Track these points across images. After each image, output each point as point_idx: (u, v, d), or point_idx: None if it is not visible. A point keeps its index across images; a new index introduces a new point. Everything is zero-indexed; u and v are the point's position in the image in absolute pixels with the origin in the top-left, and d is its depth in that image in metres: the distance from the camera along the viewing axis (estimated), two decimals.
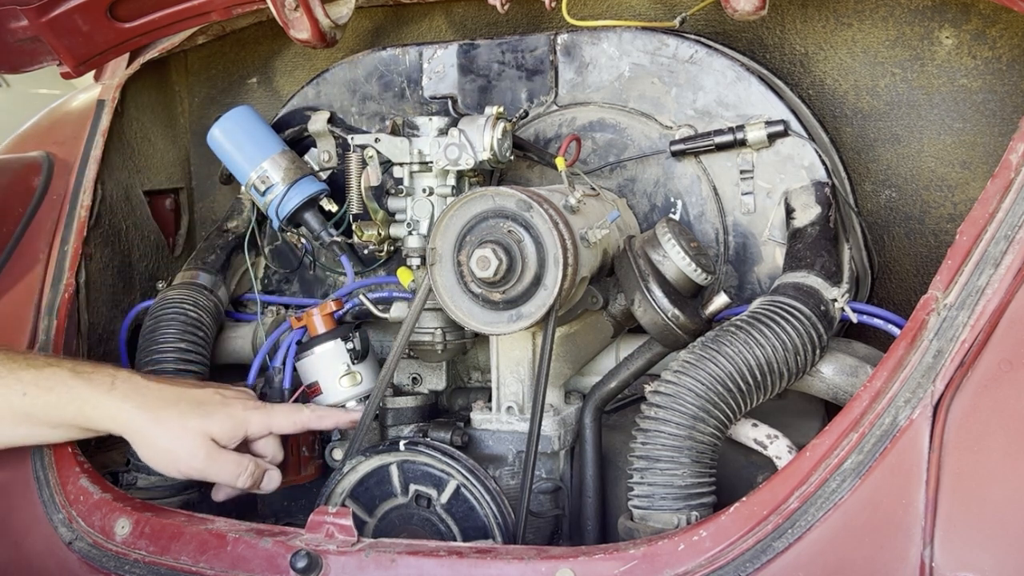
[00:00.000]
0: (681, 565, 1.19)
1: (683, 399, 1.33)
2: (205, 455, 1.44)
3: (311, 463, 1.70)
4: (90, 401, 1.42)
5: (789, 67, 1.86)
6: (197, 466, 1.44)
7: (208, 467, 1.44)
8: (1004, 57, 1.73)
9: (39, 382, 1.41)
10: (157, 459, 1.45)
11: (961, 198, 1.79)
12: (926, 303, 1.24)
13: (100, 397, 1.42)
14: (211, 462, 1.44)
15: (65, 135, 1.98)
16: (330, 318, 1.69)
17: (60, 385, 1.41)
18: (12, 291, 1.79)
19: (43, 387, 1.41)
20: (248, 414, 1.48)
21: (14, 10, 1.76)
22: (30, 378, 1.41)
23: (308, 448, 1.69)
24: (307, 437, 1.69)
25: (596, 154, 1.74)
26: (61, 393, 1.41)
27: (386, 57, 1.86)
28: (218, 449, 1.45)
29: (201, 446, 1.43)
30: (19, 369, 1.41)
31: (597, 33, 1.73)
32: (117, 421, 1.43)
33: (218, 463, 1.45)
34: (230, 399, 1.50)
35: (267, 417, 1.50)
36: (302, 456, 1.68)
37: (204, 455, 1.43)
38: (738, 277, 1.67)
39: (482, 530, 1.45)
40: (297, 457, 1.67)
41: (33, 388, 1.41)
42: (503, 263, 1.37)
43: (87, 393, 1.42)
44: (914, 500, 1.14)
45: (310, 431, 1.69)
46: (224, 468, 1.45)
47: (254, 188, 1.80)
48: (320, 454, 1.71)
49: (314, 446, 1.71)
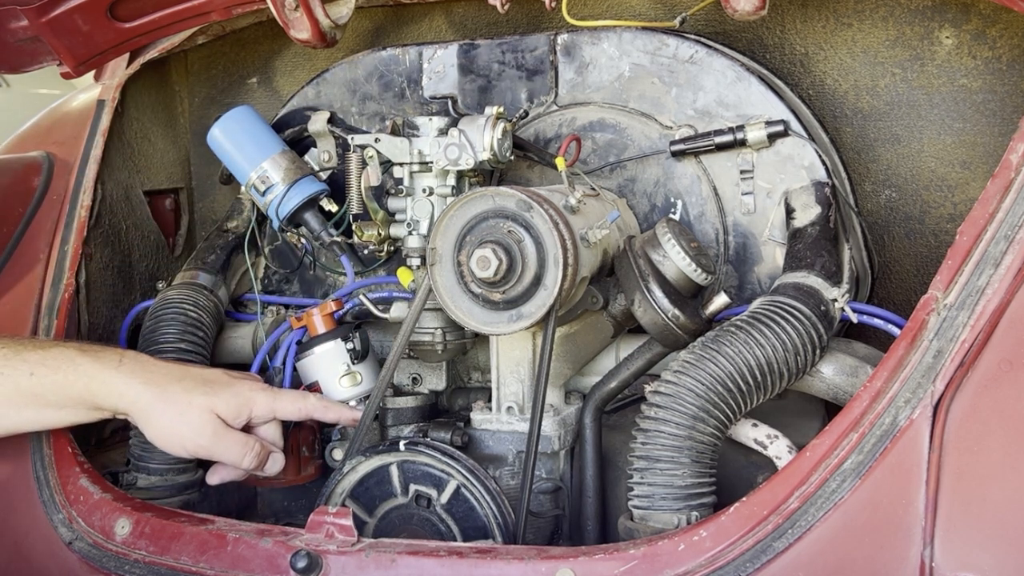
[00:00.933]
0: (681, 565, 1.19)
1: (683, 399, 1.33)
2: (212, 432, 1.43)
3: (311, 463, 1.70)
4: (97, 378, 1.41)
5: (789, 67, 1.86)
6: (203, 444, 1.43)
7: (214, 445, 1.43)
8: (1004, 57, 1.73)
9: (46, 362, 1.40)
10: (163, 437, 1.44)
11: (961, 198, 1.79)
12: (926, 303, 1.24)
13: (107, 374, 1.41)
14: (217, 440, 1.43)
15: (65, 135, 1.98)
16: (330, 318, 1.69)
17: (67, 363, 1.41)
18: (12, 291, 1.79)
19: (50, 367, 1.40)
20: (254, 394, 1.48)
21: (14, 10, 1.76)
22: (37, 359, 1.40)
23: (308, 448, 1.69)
24: (307, 436, 1.70)
25: (596, 154, 1.74)
26: (68, 372, 1.40)
27: (386, 57, 1.86)
28: (224, 427, 1.44)
29: (207, 423, 1.42)
30: (25, 351, 1.41)
31: (597, 33, 1.73)
32: (124, 398, 1.42)
33: (224, 441, 1.44)
34: (237, 379, 1.49)
35: (272, 400, 1.50)
36: (302, 456, 1.68)
37: (211, 432, 1.43)
38: (738, 277, 1.67)
39: (482, 530, 1.45)
40: (297, 457, 1.67)
41: (40, 368, 1.40)
42: (503, 263, 1.37)
43: (94, 370, 1.41)
44: (914, 500, 1.14)
45: (311, 430, 1.69)
46: (230, 447, 1.45)
47: (254, 188, 1.80)
48: (320, 454, 1.71)
49: (314, 446, 1.71)
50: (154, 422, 1.43)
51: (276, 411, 1.50)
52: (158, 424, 1.43)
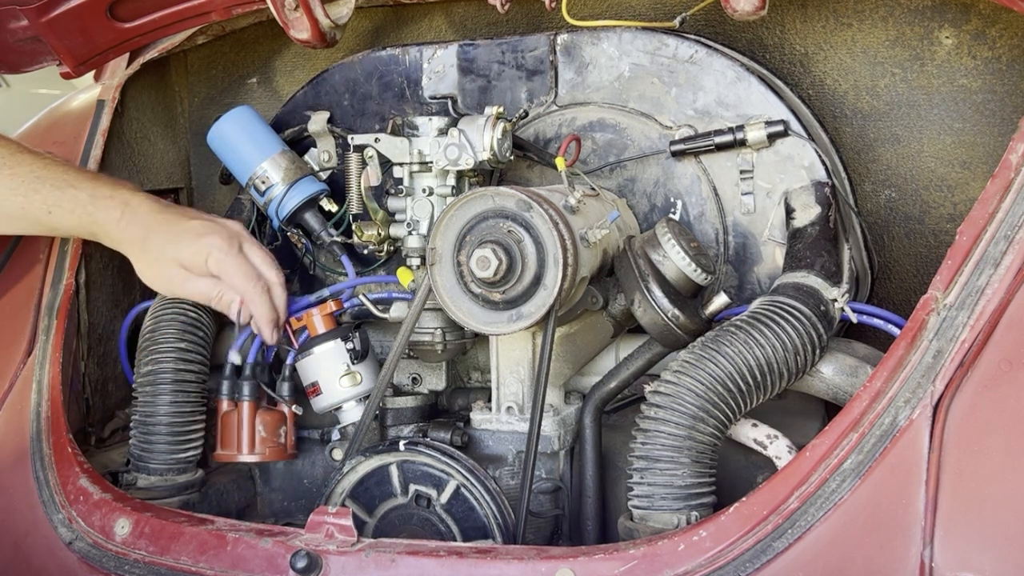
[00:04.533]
0: (681, 565, 1.19)
1: (683, 399, 1.33)
2: (178, 279, 1.64)
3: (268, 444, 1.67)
4: (103, 227, 1.65)
5: (789, 67, 1.86)
6: (171, 288, 1.66)
7: (180, 290, 1.66)
8: (1004, 57, 1.73)
9: (61, 203, 1.63)
10: (146, 278, 1.68)
11: (961, 198, 1.79)
12: (926, 303, 1.24)
13: (110, 225, 1.64)
14: (182, 286, 1.65)
15: (65, 135, 1.97)
16: (330, 318, 1.69)
17: (79, 208, 1.63)
18: (12, 291, 1.79)
19: (65, 209, 1.63)
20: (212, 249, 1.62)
21: (14, 10, 1.76)
22: (54, 200, 1.63)
23: (267, 428, 1.67)
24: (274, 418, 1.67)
25: (596, 154, 1.74)
26: (80, 215, 1.63)
27: (386, 57, 1.86)
28: (186, 275, 1.64)
29: (173, 272, 1.64)
30: (45, 189, 1.62)
31: (597, 33, 1.73)
32: (121, 247, 1.67)
33: (187, 287, 1.65)
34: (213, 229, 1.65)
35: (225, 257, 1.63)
36: (259, 436, 1.66)
37: (177, 279, 1.64)
38: (738, 277, 1.67)
39: (482, 530, 1.45)
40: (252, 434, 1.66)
41: (57, 209, 1.63)
42: (503, 263, 1.37)
43: (100, 219, 1.64)
44: (914, 500, 1.14)
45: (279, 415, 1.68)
46: (193, 292, 1.65)
47: (254, 188, 1.80)
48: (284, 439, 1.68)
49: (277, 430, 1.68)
50: (139, 266, 1.67)
51: (222, 273, 1.64)
52: (140, 267, 1.67)
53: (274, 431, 1.67)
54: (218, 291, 1.63)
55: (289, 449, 1.70)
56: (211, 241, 1.62)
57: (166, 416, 1.63)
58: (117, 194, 1.65)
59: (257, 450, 1.66)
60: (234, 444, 1.66)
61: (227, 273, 1.62)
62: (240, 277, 1.62)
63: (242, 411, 1.66)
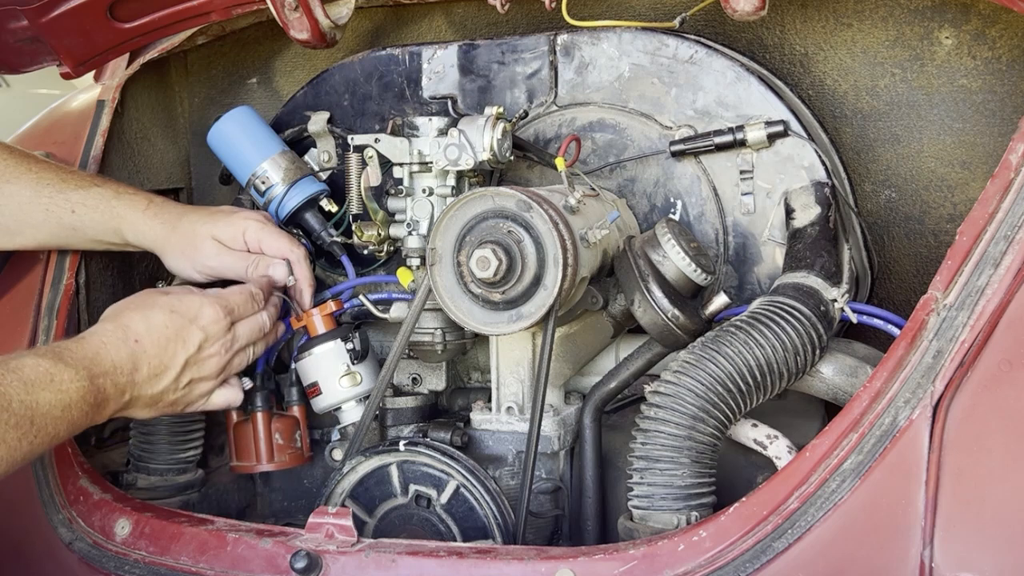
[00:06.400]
0: (681, 565, 1.20)
1: (683, 399, 1.33)
2: (215, 253, 1.64)
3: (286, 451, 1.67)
4: (127, 219, 1.65)
5: (789, 67, 1.86)
6: (209, 264, 1.65)
7: (219, 264, 1.65)
8: (1004, 57, 1.73)
9: (86, 201, 1.64)
10: (178, 264, 1.67)
11: (961, 198, 1.79)
12: (926, 303, 1.24)
13: (135, 216, 1.65)
14: (220, 259, 1.64)
15: (65, 135, 1.97)
16: (330, 318, 1.69)
17: (103, 204, 1.64)
18: (12, 291, 1.79)
19: (89, 206, 1.64)
20: (248, 223, 1.66)
21: (14, 10, 1.76)
22: (78, 198, 1.64)
23: (283, 435, 1.67)
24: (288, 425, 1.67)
25: (596, 154, 1.74)
26: (104, 211, 1.64)
27: (386, 57, 1.86)
28: (225, 248, 1.65)
29: (211, 247, 1.64)
30: (69, 190, 1.64)
31: (597, 33, 1.73)
32: (147, 236, 1.66)
33: (226, 260, 1.65)
34: (239, 211, 1.71)
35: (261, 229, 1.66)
36: (276, 444, 1.66)
37: (214, 253, 1.64)
38: (738, 277, 1.67)
39: (482, 530, 1.45)
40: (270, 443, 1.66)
41: (81, 207, 1.64)
42: (503, 263, 1.37)
43: (125, 212, 1.65)
44: (914, 500, 1.14)
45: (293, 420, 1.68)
46: (232, 264, 1.65)
47: (254, 188, 1.80)
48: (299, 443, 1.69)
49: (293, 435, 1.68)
50: (169, 252, 1.66)
51: (262, 241, 1.66)
52: (172, 253, 1.66)
53: (290, 437, 1.68)
54: (253, 260, 1.65)
55: (306, 452, 1.70)
56: (247, 214, 1.68)
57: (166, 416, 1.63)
58: (141, 192, 1.70)
59: (277, 458, 1.66)
60: (252, 455, 1.65)
61: (267, 241, 1.66)
62: (283, 241, 1.66)
63: (257, 421, 1.66)
